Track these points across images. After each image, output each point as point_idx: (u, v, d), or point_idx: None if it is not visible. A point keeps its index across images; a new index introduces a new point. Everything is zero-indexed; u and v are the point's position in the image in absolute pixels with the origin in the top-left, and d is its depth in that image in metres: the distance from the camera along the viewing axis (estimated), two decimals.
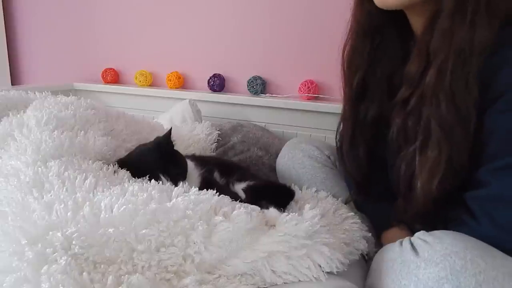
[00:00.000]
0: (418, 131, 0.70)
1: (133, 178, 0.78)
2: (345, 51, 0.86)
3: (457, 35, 0.63)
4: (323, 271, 0.63)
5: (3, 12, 2.10)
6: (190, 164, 0.85)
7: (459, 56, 0.63)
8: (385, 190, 0.85)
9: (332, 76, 1.58)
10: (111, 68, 1.97)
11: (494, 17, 0.62)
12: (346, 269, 0.66)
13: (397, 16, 0.76)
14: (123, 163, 0.83)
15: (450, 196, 0.67)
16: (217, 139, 1.35)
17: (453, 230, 0.59)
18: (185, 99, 1.62)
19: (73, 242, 0.55)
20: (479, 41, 0.62)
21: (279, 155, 1.10)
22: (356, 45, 0.83)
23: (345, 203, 0.94)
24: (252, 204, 0.72)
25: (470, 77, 0.63)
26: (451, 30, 0.64)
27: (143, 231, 0.59)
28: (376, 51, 0.82)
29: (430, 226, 0.62)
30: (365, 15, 0.80)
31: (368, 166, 0.88)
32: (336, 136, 0.97)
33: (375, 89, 0.84)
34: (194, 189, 0.70)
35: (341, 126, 0.93)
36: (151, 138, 0.91)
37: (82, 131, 0.88)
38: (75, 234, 0.56)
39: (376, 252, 0.71)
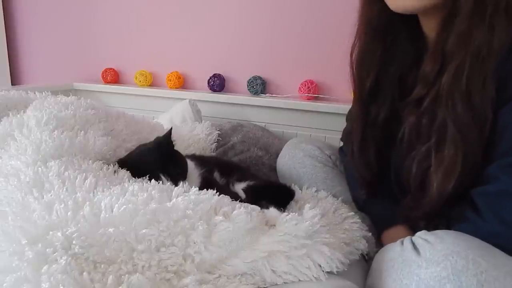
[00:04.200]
0: (432, 130, 0.69)
1: (133, 178, 0.78)
2: (354, 53, 0.85)
3: (475, 37, 0.63)
4: (323, 271, 0.63)
5: (3, 12, 2.10)
6: (190, 164, 0.85)
7: (476, 58, 0.63)
8: (388, 191, 0.85)
9: (332, 76, 1.60)
10: (111, 68, 1.97)
11: (511, 18, 0.62)
12: (346, 269, 0.66)
13: (409, 17, 0.76)
14: (123, 163, 0.83)
15: (459, 194, 0.67)
16: (217, 139, 1.35)
17: (457, 228, 0.59)
18: (185, 99, 1.62)
19: (73, 242, 0.55)
20: (497, 43, 0.62)
21: (280, 155, 1.10)
22: (367, 46, 0.83)
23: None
24: (252, 204, 0.72)
25: (487, 78, 0.63)
26: (469, 33, 0.63)
27: (143, 231, 0.59)
28: (387, 51, 0.81)
29: (433, 224, 0.62)
30: (376, 15, 0.79)
31: (377, 165, 0.87)
32: (342, 137, 0.95)
33: (387, 90, 0.83)
34: (194, 189, 0.70)
35: (349, 127, 0.92)
36: (151, 138, 0.91)
37: (82, 131, 0.88)
38: (75, 234, 0.56)
39: (376, 252, 0.71)
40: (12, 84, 2.16)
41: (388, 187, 0.85)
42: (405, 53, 0.81)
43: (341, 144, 1.05)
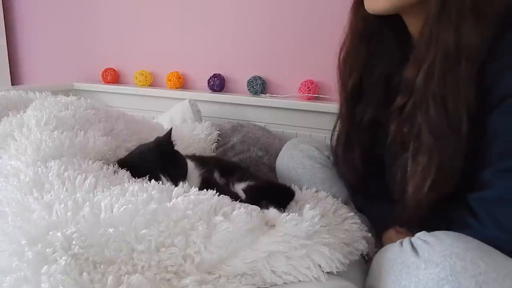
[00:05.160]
0: (411, 138, 0.70)
1: (133, 178, 0.78)
2: (341, 55, 0.86)
3: (442, 39, 0.63)
4: (323, 271, 0.63)
5: (3, 12, 2.10)
6: (190, 164, 0.85)
7: (446, 60, 0.63)
8: (383, 191, 0.85)
9: (332, 76, 1.57)
10: (111, 68, 1.97)
11: (483, 20, 0.62)
12: (346, 269, 0.66)
13: (394, 20, 0.76)
14: (123, 163, 0.83)
15: (451, 197, 0.67)
16: (217, 139, 1.35)
17: (457, 232, 0.59)
18: (185, 99, 1.62)
19: (73, 242, 0.55)
20: (466, 44, 0.62)
21: (279, 156, 1.10)
22: (352, 48, 0.83)
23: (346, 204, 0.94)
24: (252, 204, 0.72)
25: (461, 81, 0.63)
26: (436, 35, 0.64)
27: (143, 231, 0.59)
28: (372, 53, 0.82)
29: (431, 227, 0.62)
30: (361, 20, 0.80)
31: (363, 168, 0.87)
32: (331, 137, 0.96)
33: (372, 91, 0.83)
34: (194, 189, 0.70)
35: (337, 128, 0.93)
36: (151, 138, 0.90)
37: (82, 131, 0.88)
38: (75, 234, 0.56)
39: (376, 252, 0.71)
40: (12, 84, 2.16)
41: (385, 188, 0.85)
42: (392, 55, 0.81)
43: None
